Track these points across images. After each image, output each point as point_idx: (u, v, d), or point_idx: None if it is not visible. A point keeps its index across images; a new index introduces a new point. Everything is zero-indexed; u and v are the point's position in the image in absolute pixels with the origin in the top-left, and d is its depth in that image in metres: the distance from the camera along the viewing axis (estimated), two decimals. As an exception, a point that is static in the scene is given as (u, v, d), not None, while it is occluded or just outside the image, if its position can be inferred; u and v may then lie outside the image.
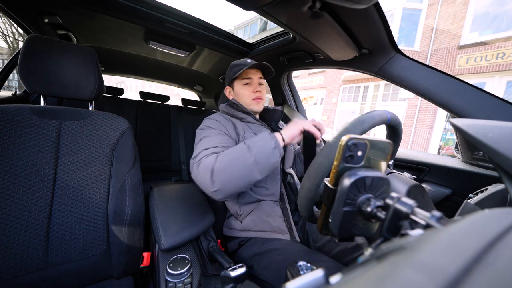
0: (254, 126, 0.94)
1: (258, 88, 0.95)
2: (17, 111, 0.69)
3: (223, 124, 0.88)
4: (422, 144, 7.58)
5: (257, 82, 0.96)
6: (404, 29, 8.02)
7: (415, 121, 7.75)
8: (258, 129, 0.94)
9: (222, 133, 0.84)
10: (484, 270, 0.11)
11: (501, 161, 0.29)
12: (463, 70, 6.65)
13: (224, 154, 0.70)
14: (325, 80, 10.91)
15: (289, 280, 0.20)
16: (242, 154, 0.67)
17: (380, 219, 0.28)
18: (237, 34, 17.64)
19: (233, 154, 0.69)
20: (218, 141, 0.80)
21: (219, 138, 0.81)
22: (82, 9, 1.00)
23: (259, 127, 0.95)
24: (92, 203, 0.77)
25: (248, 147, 0.68)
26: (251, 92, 0.94)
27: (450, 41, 6.97)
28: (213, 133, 0.83)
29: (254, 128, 0.93)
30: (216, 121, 0.89)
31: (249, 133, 0.90)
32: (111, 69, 2.07)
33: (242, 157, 0.67)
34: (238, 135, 0.89)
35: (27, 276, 0.64)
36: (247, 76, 0.95)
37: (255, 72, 0.96)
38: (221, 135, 0.83)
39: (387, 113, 0.52)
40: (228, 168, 0.67)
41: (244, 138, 0.88)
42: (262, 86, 0.98)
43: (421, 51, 7.63)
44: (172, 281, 0.63)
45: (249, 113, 0.94)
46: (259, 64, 0.91)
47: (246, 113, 0.94)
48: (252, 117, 0.94)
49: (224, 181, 0.67)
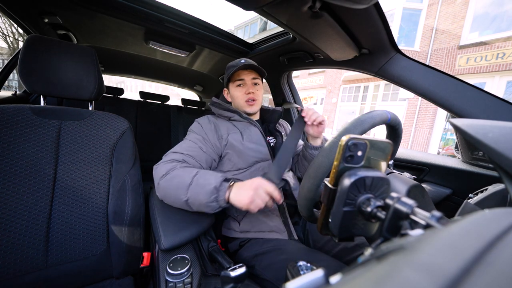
0: (241, 124, 0.93)
1: (250, 90, 0.92)
2: (17, 111, 0.69)
3: (204, 129, 0.88)
4: (422, 144, 7.57)
5: (251, 83, 0.94)
6: (404, 29, 8.01)
7: (415, 121, 7.74)
8: (245, 127, 0.92)
9: (198, 139, 0.85)
10: (484, 270, 0.11)
11: (501, 161, 0.29)
12: (463, 70, 6.65)
13: (171, 176, 0.72)
14: (325, 80, 10.90)
15: (289, 280, 0.20)
16: (181, 187, 0.70)
17: (380, 219, 0.28)
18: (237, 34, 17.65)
19: (176, 182, 0.71)
20: (187, 148, 0.82)
21: (190, 145, 0.83)
22: (82, 9, 1.00)
23: (246, 125, 0.93)
24: (92, 203, 0.77)
25: (190, 184, 0.69)
26: (244, 94, 0.93)
27: (450, 41, 6.97)
28: (190, 137, 0.86)
29: (241, 127, 0.92)
30: (199, 125, 0.90)
31: (234, 134, 0.89)
32: (111, 69, 2.07)
33: (179, 191, 0.70)
34: (221, 138, 0.88)
35: (27, 276, 0.64)
36: (239, 77, 0.93)
37: (248, 73, 0.93)
38: (193, 142, 0.84)
39: (387, 113, 0.52)
40: (168, 190, 0.72)
41: (227, 140, 0.87)
42: (257, 86, 0.96)
43: (421, 51, 7.62)
44: (172, 281, 0.63)
45: (235, 111, 0.92)
46: (249, 65, 0.90)
47: (232, 111, 0.92)
48: (238, 115, 0.92)
49: (163, 195, 0.74)
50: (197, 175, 0.71)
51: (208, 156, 0.84)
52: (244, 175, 0.88)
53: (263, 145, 0.92)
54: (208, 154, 0.84)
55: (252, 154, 0.88)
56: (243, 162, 0.88)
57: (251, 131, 0.92)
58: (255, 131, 0.93)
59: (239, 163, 0.88)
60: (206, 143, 0.86)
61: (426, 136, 7.47)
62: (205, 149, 0.84)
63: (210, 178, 0.69)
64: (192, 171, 0.72)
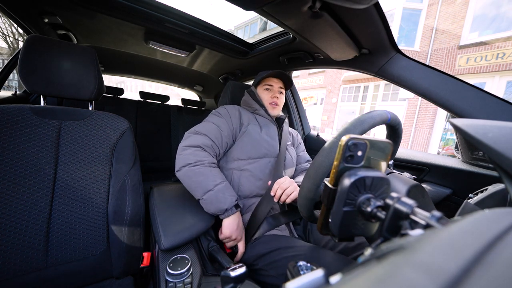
0: (262, 119, 1.02)
1: (276, 95, 1.04)
2: (17, 111, 0.69)
3: (230, 113, 0.96)
4: (422, 144, 7.55)
5: (277, 90, 1.05)
6: (404, 29, 7.99)
7: (415, 121, 7.72)
8: (265, 122, 1.02)
9: (221, 122, 0.92)
10: (484, 270, 0.11)
11: (501, 161, 0.29)
12: (463, 70, 6.63)
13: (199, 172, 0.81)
14: (325, 80, 10.89)
15: (289, 280, 0.20)
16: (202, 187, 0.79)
17: (380, 219, 0.28)
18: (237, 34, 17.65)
19: (200, 180, 0.80)
20: (212, 132, 0.89)
21: (213, 129, 0.89)
22: (82, 9, 1.00)
23: (266, 122, 1.03)
24: (92, 203, 0.77)
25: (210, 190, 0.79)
26: (269, 97, 1.04)
27: (450, 41, 6.96)
28: (214, 120, 0.93)
29: (261, 121, 1.01)
30: (225, 109, 0.98)
31: (253, 125, 0.97)
32: (111, 69, 2.07)
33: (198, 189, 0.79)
34: (241, 125, 0.96)
35: (27, 276, 0.64)
36: (269, 83, 1.04)
37: (277, 81, 1.05)
38: (217, 126, 0.91)
39: (387, 113, 0.52)
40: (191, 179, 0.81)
41: (247, 128, 0.95)
42: (282, 95, 1.08)
43: (421, 51, 7.61)
44: (172, 281, 0.63)
45: (262, 105, 1.03)
46: (279, 73, 1.01)
47: (260, 104, 1.03)
48: (264, 110, 1.03)
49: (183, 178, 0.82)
50: (220, 185, 0.80)
51: (226, 142, 0.92)
52: (254, 166, 0.92)
53: (277, 142, 0.99)
54: (226, 140, 0.91)
55: (265, 146, 0.94)
56: (255, 152, 0.93)
57: (270, 128, 1.01)
58: (273, 128, 1.02)
59: (251, 152, 0.93)
60: (228, 126, 0.92)
61: (426, 136, 7.46)
62: (226, 134, 0.91)
63: (227, 198, 0.79)
64: (216, 177, 0.81)
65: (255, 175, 0.90)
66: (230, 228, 0.78)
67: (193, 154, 0.82)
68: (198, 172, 0.80)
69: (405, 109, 8.04)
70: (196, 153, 0.83)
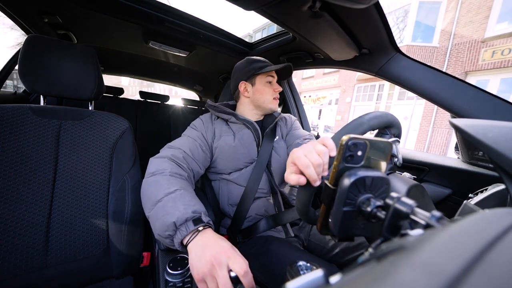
0: (236, 126, 0.93)
1: (278, 89, 0.97)
2: (17, 110, 0.69)
3: (204, 125, 0.91)
4: (440, 146, 6.85)
5: (277, 85, 0.98)
6: (421, 24, 7.43)
7: (433, 120, 7.12)
8: (239, 129, 0.92)
9: (198, 136, 0.87)
10: (484, 270, 0.11)
11: (501, 161, 0.29)
12: (487, 65, 5.91)
13: (154, 180, 0.66)
14: (340, 80, 10.67)
15: (288, 280, 0.20)
16: (151, 199, 0.62)
17: (380, 219, 0.28)
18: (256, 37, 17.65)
19: (151, 191, 0.64)
20: (188, 145, 0.82)
21: (190, 142, 0.84)
22: (82, 9, 1.00)
23: (240, 127, 0.93)
24: (92, 203, 0.76)
25: (158, 201, 0.59)
26: (273, 91, 0.95)
27: (474, 34, 6.29)
28: (191, 134, 0.88)
29: (235, 129, 0.92)
30: (201, 122, 0.93)
31: (226, 136, 0.90)
32: (111, 69, 2.07)
33: (147, 202, 0.63)
34: (214, 137, 0.90)
35: (27, 276, 0.64)
36: (272, 75, 0.96)
37: (275, 76, 0.98)
38: (193, 139, 0.85)
39: (387, 113, 0.52)
40: (142, 192, 0.67)
41: (218, 144, 0.88)
42: None
43: (440, 46, 7.05)
44: (172, 281, 0.63)
45: (231, 113, 0.91)
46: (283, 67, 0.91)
47: (228, 113, 0.92)
48: (234, 117, 0.92)
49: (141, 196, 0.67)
50: (173, 194, 0.59)
51: (206, 155, 0.86)
52: (236, 177, 0.89)
53: (254, 148, 0.91)
54: (205, 153, 0.86)
55: (241, 158, 0.89)
56: (234, 165, 0.89)
57: (244, 133, 0.91)
58: (247, 133, 0.92)
59: (229, 166, 0.89)
60: (204, 140, 0.87)
61: (446, 137, 6.82)
62: (204, 148, 0.86)
63: (178, 207, 0.55)
64: (172, 185, 0.63)
65: (241, 184, 0.89)
66: (196, 264, 0.48)
67: (155, 164, 0.71)
68: (152, 182, 0.65)
69: (423, 107, 7.57)
70: (159, 163, 0.71)
